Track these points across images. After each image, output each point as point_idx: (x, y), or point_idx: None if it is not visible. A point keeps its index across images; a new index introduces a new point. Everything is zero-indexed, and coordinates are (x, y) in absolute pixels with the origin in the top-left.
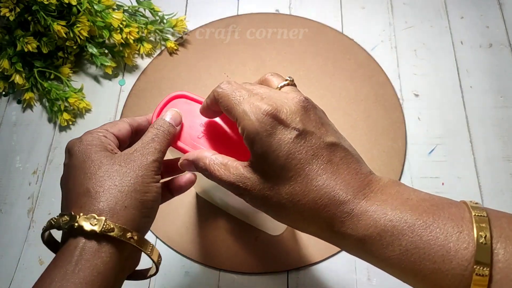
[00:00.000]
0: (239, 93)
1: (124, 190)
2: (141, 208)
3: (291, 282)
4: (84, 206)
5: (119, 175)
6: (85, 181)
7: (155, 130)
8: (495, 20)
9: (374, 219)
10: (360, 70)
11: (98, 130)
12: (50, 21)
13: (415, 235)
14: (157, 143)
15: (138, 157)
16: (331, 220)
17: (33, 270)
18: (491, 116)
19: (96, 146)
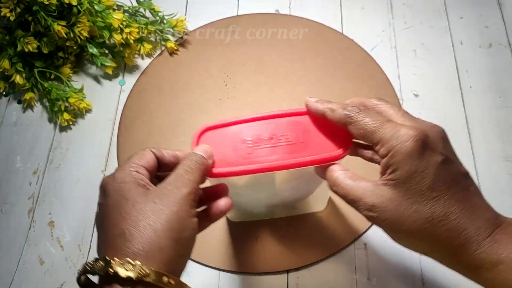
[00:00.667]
0: (375, 118)
1: (158, 230)
2: (177, 247)
3: (291, 282)
4: (119, 248)
5: (154, 213)
6: (120, 222)
7: (187, 162)
8: (495, 20)
9: (503, 258)
10: (360, 70)
11: (129, 166)
12: (51, 21)
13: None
14: (190, 174)
15: (172, 191)
16: (460, 250)
17: (34, 270)
18: (491, 116)
19: (129, 183)
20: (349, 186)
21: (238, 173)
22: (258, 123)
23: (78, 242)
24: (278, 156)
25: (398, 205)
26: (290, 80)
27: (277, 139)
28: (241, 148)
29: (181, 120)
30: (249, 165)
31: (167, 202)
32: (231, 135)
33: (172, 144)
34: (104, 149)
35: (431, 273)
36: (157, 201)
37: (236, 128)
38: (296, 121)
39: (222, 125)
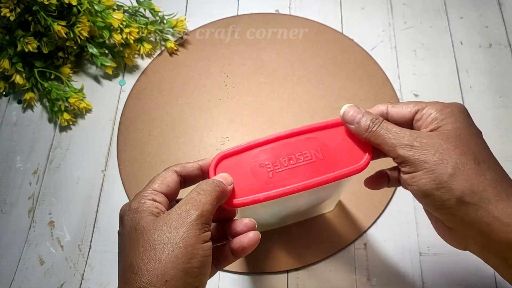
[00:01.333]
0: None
1: (164, 260)
2: (185, 278)
3: (291, 282)
4: (129, 282)
5: (160, 241)
6: (130, 253)
7: (202, 184)
8: (495, 20)
9: None
10: (360, 70)
11: (147, 193)
12: (51, 21)
13: None
14: (202, 196)
15: (180, 214)
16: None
17: (34, 270)
18: (491, 116)
19: (142, 213)
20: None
21: (263, 199)
22: (273, 145)
23: (78, 242)
24: (301, 177)
25: (439, 150)
26: (290, 80)
27: (296, 159)
28: (261, 173)
29: (181, 120)
30: (273, 190)
31: (174, 228)
32: (248, 160)
33: (172, 144)
34: (104, 149)
35: (431, 273)
36: (164, 228)
37: (252, 152)
38: (311, 138)
39: (237, 152)
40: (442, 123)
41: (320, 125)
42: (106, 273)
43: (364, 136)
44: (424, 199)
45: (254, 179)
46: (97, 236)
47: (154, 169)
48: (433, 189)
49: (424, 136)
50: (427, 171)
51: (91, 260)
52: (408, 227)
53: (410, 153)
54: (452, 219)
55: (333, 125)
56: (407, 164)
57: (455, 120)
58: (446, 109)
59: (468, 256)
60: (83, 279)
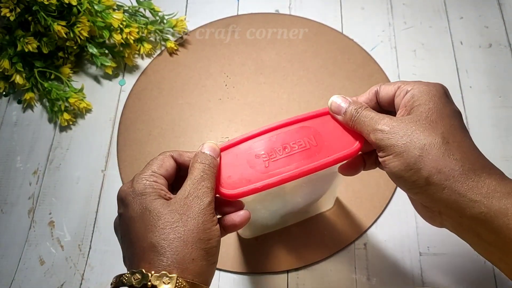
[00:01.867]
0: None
1: (189, 241)
2: (207, 257)
3: (291, 282)
4: (153, 262)
5: (181, 225)
6: (148, 234)
7: (201, 166)
8: (495, 20)
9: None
10: (360, 70)
11: (147, 175)
12: (51, 21)
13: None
14: (207, 181)
15: (194, 201)
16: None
17: (34, 270)
18: (490, 116)
19: (150, 195)
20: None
21: (261, 188)
22: (266, 136)
23: (78, 242)
24: (297, 163)
25: (412, 130)
26: (290, 80)
27: (290, 147)
28: (258, 163)
29: (181, 120)
30: (271, 178)
31: (192, 213)
32: (243, 152)
33: (172, 144)
34: (104, 149)
35: (431, 273)
36: (181, 211)
37: (246, 145)
38: (304, 126)
39: (232, 145)
40: (416, 103)
41: (312, 114)
42: (106, 273)
43: (350, 125)
44: (396, 180)
45: (252, 169)
46: (97, 236)
47: None
48: (402, 171)
49: (396, 120)
50: (396, 155)
51: (91, 260)
52: (408, 227)
53: (381, 137)
54: (423, 198)
55: (325, 113)
56: (380, 149)
57: (429, 100)
58: (422, 87)
59: (468, 256)
60: (83, 279)
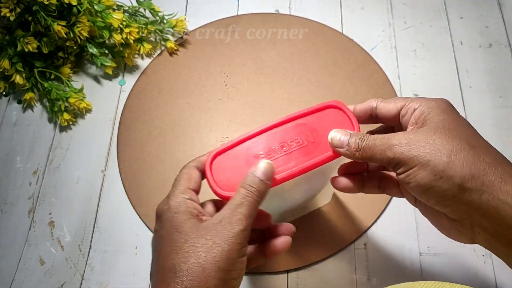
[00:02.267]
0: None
1: (207, 269)
2: (224, 287)
3: (291, 282)
4: (169, 283)
5: (204, 250)
6: (171, 255)
7: (244, 191)
8: (495, 20)
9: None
10: (360, 70)
11: (181, 191)
12: (51, 21)
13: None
14: (245, 208)
15: (225, 227)
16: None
17: (34, 270)
18: (491, 116)
19: (183, 214)
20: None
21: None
22: (263, 136)
23: (78, 242)
24: (296, 161)
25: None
26: (290, 80)
27: (288, 145)
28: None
29: (181, 120)
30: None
31: (219, 240)
32: (242, 154)
33: (172, 144)
34: (104, 149)
35: (431, 273)
36: (208, 237)
37: (244, 146)
38: (300, 124)
39: (229, 147)
40: (429, 117)
41: (307, 111)
42: (106, 273)
43: (356, 155)
44: (424, 194)
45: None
46: (97, 236)
47: (154, 169)
48: (431, 181)
49: (411, 133)
50: (421, 165)
51: (91, 260)
52: (408, 227)
53: (400, 151)
54: (456, 209)
55: (319, 109)
56: (401, 164)
57: (441, 112)
58: (431, 103)
59: (468, 256)
60: (83, 279)
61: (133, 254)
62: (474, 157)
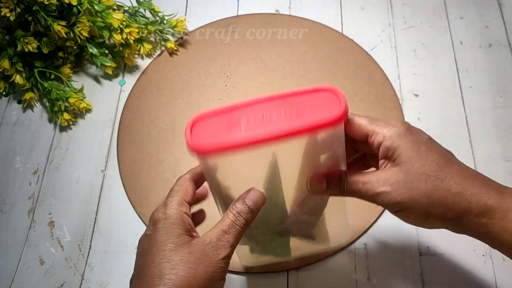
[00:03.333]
0: (368, 118)
1: (192, 285)
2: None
3: (291, 282)
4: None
5: (193, 267)
6: (162, 264)
7: (233, 218)
8: (495, 20)
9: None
10: (360, 70)
11: (178, 203)
12: (51, 21)
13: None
14: (231, 236)
15: (211, 251)
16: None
17: (34, 270)
18: (491, 116)
19: (178, 227)
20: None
21: (235, 145)
22: (250, 108)
23: (78, 242)
24: (276, 128)
25: (408, 178)
26: (290, 80)
27: (271, 116)
28: (236, 127)
29: (181, 120)
30: (247, 137)
31: (205, 261)
32: (223, 119)
33: (172, 144)
34: (104, 149)
35: (431, 273)
36: (197, 256)
37: (228, 114)
38: (288, 101)
39: (213, 113)
40: (396, 155)
41: (297, 91)
42: (106, 273)
43: (340, 195)
44: (416, 225)
45: (228, 134)
46: (97, 236)
47: (154, 169)
48: (418, 220)
49: (390, 176)
50: (407, 209)
51: (91, 260)
52: (408, 227)
53: (387, 198)
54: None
55: (309, 92)
56: (390, 206)
57: (405, 146)
58: (391, 133)
59: (468, 256)
60: (83, 279)
61: (133, 254)
62: (445, 191)
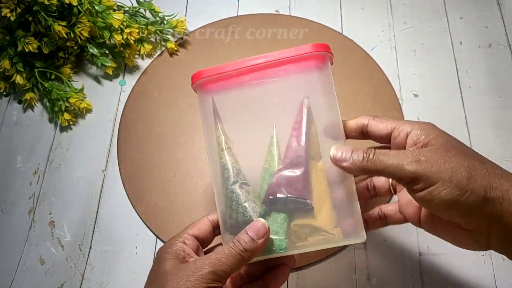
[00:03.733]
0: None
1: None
2: None
3: (291, 282)
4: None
5: (173, 280)
6: (150, 286)
7: (231, 243)
8: (494, 20)
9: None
10: (360, 70)
11: (180, 235)
12: (51, 21)
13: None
14: (224, 256)
15: (195, 267)
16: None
17: (34, 270)
18: (490, 116)
19: (170, 254)
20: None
21: (228, 70)
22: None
23: (79, 242)
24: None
25: (440, 160)
26: None
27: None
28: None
29: (181, 120)
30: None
31: (188, 277)
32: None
33: (173, 144)
34: (104, 149)
35: (431, 273)
36: (181, 275)
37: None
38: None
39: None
40: (429, 138)
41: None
42: (107, 273)
43: (361, 166)
44: (448, 209)
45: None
46: (97, 236)
47: (154, 169)
48: (457, 196)
49: (426, 151)
50: (445, 181)
51: (92, 260)
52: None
53: (421, 167)
54: (477, 219)
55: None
56: (420, 180)
57: (439, 134)
58: (423, 126)
59: (468, 256)
60: (83, 278)
61: (133, 254)
62: (487, 170)
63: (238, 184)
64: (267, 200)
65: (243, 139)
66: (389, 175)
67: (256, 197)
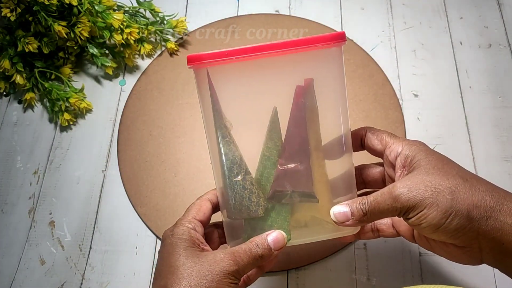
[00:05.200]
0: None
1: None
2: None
3: (291, 282)
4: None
5: (197, 276)
6: (167, 275)
7: (251, 247)
8: (494, 20)
9: None
10: (360, 70)
11: (188, 221)
12: (51, 21)
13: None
14: (245, 257)
15: (220, 264)
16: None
17: (34, 270)
18: (490, 116)
19: (185, 241)
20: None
21: (232, 53)
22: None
23: (79, 242)
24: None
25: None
26: None
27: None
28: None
29: (181, 120)
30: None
31: (209, 273)
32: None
33: (173, 144)
34: (104, 149)
35: (431, 273)
36: (201, 269)
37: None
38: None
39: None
40: (415, 160)
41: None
42: (107, 273)
43: (365, 219)
44: (437, 231)
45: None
46: (97, 236)
47: (154, 169)
48: (442, 219)
49: (407, 180)
50: (429, 207)
51: (92, 260)
52: None
53: (405, 199)
54: (465, 238)
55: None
56: (409, 210)
57: (426, 155)
58: (412, 146)
59: None
60: (83, 279)
61: (133, 254)
62: (471, 188)
63: (241, 176)
64: (273, 195)
65: (242, 120)
66: (387, 216)
67: (258, 187)
